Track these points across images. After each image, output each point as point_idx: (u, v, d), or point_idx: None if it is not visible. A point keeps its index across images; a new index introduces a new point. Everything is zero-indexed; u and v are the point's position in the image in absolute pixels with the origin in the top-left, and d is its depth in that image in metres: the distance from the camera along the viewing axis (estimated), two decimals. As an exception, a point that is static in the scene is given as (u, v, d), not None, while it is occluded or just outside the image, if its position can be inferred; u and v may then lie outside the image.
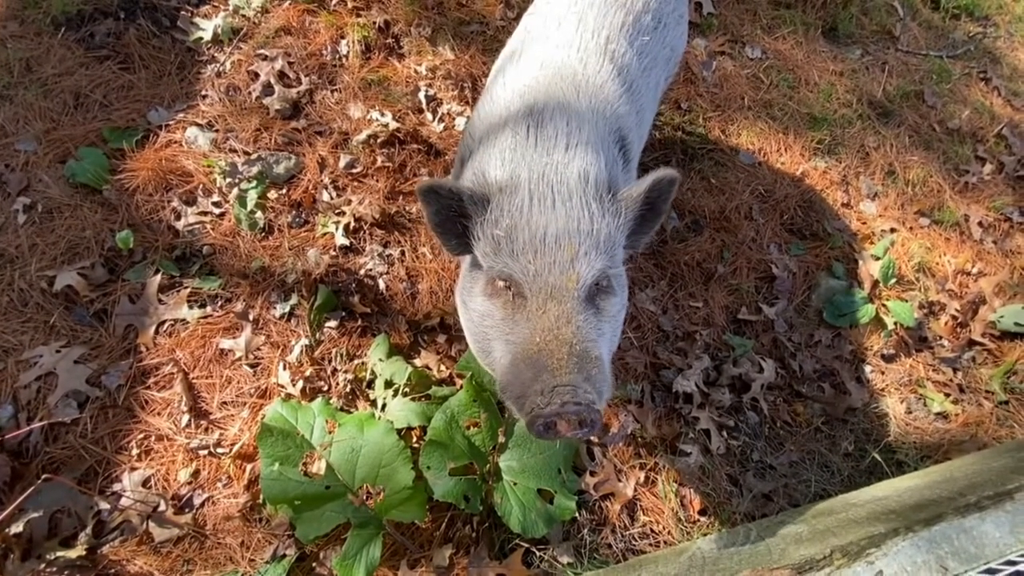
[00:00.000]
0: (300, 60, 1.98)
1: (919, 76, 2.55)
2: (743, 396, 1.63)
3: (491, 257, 0.88)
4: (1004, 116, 2.53)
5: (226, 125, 1.82)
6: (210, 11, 2.05)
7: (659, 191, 0.91)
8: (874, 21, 2.63)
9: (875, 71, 2.50)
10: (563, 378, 0.75)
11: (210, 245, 1.64)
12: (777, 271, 1.89)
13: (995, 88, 2.64)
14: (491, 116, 1.13)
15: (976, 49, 2.73)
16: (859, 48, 2.56)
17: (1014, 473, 0.94)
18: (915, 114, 2.42)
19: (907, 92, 2.46)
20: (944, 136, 2.39)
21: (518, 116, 1.03)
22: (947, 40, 2.73)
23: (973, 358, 1.89)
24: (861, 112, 2.34)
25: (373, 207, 1.73)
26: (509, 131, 1.02)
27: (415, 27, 2.13)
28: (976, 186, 2.29)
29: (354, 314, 1.58)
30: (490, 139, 1.06)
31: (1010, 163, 2.39)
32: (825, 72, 2.41)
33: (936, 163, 2.30)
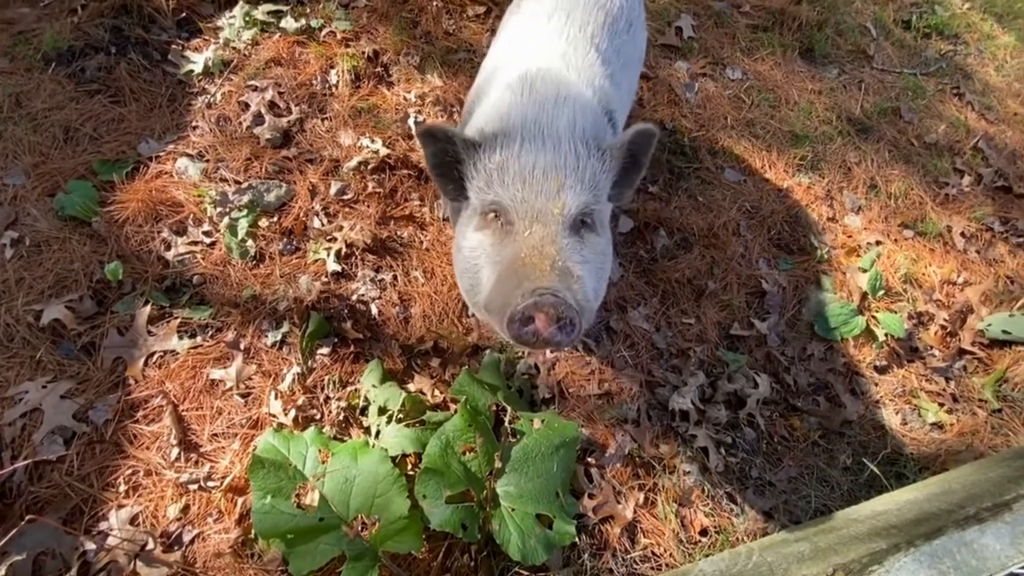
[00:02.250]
0: (290, 90, 2.00)
1: (895, 93, 2.62)
2: (739, 412, 1.63)
3: (483, 191, 0.94)
4: (979, 129, 2.60)
5: (217, 155, 1.83)
6: (201, 44, 2.08)
7: (639, 144, 0.99)
8: (848, 41, 2.72)
9: (852, 89, 2.57)
10: (543, 282, 0.79)
11: (200, 275, 1.63)
12: (767, 286, 1.91)
13: (968, 103, 2.72)
14: (487, 86, 1.23)
15: (948, 66, 2.82)
16: (836, 67, 2.64)
17: (1011, 483, 0.94)
18: (893, 129, 2.48)
19: (884, 108, 2.53)
20: (922, 150, 2.45)
21: (513, 81, 1.12)
22: (920, 58, 2.82)
23: (964, 367, 1.91)
24: (841, 129, 2.40)
25: (364, 232, 1.74)
26: (506, 92, 1.11)
27: (403, 56, 2.17)
28: (956, 197, 2.34)
29: (346, 340, 1.57)
30: (489, 100, 1.16)
31: (988, 174, 2.45)
32: (804, 91, 2.48)
33: (916, 176, 2.35)
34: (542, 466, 1.22)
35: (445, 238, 1.82)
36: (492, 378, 1.42)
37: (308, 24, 2.15)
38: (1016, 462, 1.22)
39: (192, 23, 2.11)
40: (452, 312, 1.68)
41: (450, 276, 1.73)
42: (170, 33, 2.08)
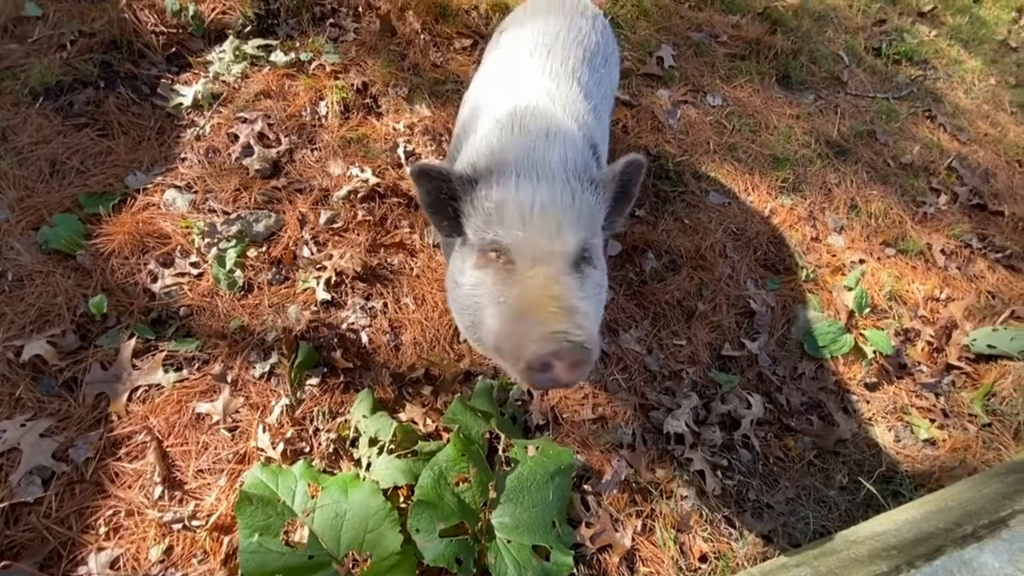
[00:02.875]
0: (280, 121, 2.02)
1: (869, 116, 2.71)
2: (734, 433, 1.62)
3: (482, 230, 0.94)
4: (952, 150, 2.69)
5: (205, 186, 1.83)
6: (191, 78, 2.10)
7: (630, 174, 1.02)
8: (823, 68, 2.82)
9: (828, 113, 2.66)
10: (556, 326, 0.79)
11: (187, 306, 1.61)
12: (755, 306, 1.93)
13: (940, 125, 2.82)
14: (473, 122, 1.25)
15: (919, 90, 2.93)
16: (812, 93, 2.73)
17: (1005, 499, 0.94)
18: (870, 151, 2.56)
19: (860, 132, 2.61)
20: (899, 171, 2.53)
21: (502, 117, 1.14)
22: (891, 83, 2.93)
23: (953, 382, 1.93)
24: (820, 151, 2.46)
25: (355, 260, 1.73)
26: (496, 128, 1.13)
27: (392, 87, 2.21)
28: (934, 216, 2.40)
29: (336, 370, 1.55)
30: (477, 136, 1.17)
31: (963, 193, 2.52)
32: (783, 116, 2.55)
33: (895, 196, 2.41)
34: (538, 495, 1.20)
35: (435, 264, 1.83)
36: (485, 405, 1.41)
37: (298, 57, 2.19)
38: (1008, 477, 1.23)
39: (182, 57, 2.14)
40: (444, 338, 1.67)
41: (441, 303, 1.73)
42: (160, 68, 2.11)
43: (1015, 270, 2.30)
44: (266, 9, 2.30)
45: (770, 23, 2.86)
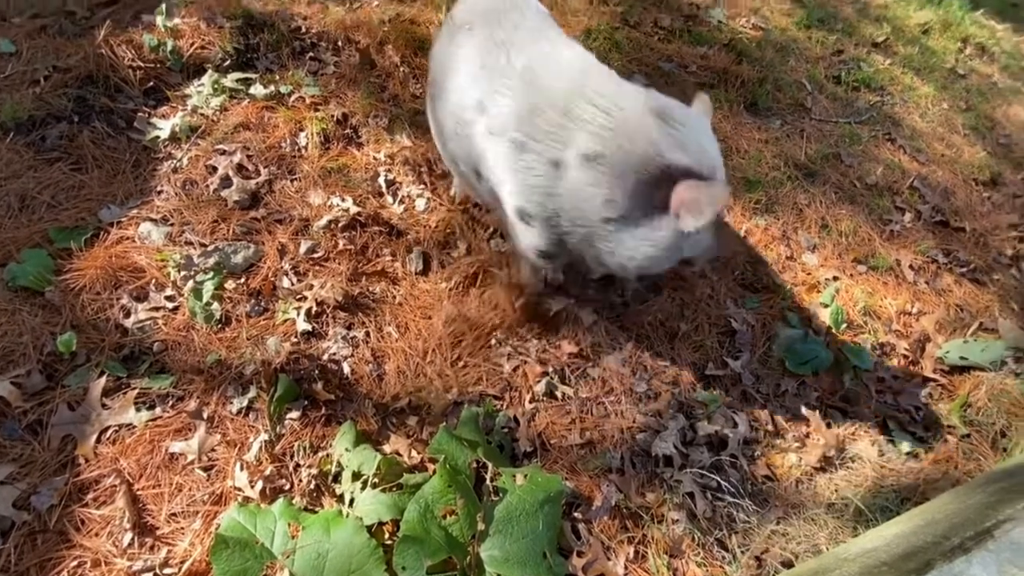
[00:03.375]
0: (259, 153, 2.02)
1: (834, 140, 2.83)
2: (721, 453, 1.62)
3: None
4: (912, 171, 2.82)
5: (182, 219, 1.81)
6: (168, 111, 2.09)
7: None
8: (787, 95, 2.95)
9: (795, 137, 2.76)
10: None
11: (162, 341, 1.57)
12: (736, 325, 1.95)
13: (900, 147, 2.95)
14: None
15: (878, 115, 3.08)
16: (778, 119, 2.84)
17: (989, 509, 0.95)
18: (836, 173, 2.66)
19: (826, 154, 2.72)
20: (865, 191, 2.63)
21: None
22: (852, 108, 3.07)
23: (930, 394, 1.96)
24: (789, 174, 2.55)
25: (336, 290, 1.71)
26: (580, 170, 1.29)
27: (372, 118, 2.24)
28: (901, 233, 2.49)
29: (317, 402, 1.51)
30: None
31: (926, 211, 2.63)
32: (752, 140, 2.65)
33: (862, 215, 2.50)
34: (527, 525, 1.18)
35: (418, 292, 1.82)
36: (471, 434, 1.38)
37: (277, 90, 2.21)
38: (990, 487, 1.24)
39: (159, 91, 2.14)
40: (430, 365, 1.65)
41: (425, 330, 1.71)
42: (136, 101, 2.10)
43: (980, 283, 2.38)
44: (246, 44, 2.33)
45: (736, 54, 3.00)
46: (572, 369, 1.74)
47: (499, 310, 1.76)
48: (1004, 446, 1.81)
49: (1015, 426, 1.84)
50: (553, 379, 1.69)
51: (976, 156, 3.07)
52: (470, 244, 1.96)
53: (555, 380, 1.69)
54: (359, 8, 2.62)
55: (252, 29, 2.36)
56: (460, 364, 1.67)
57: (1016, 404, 1.89)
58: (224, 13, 2.34)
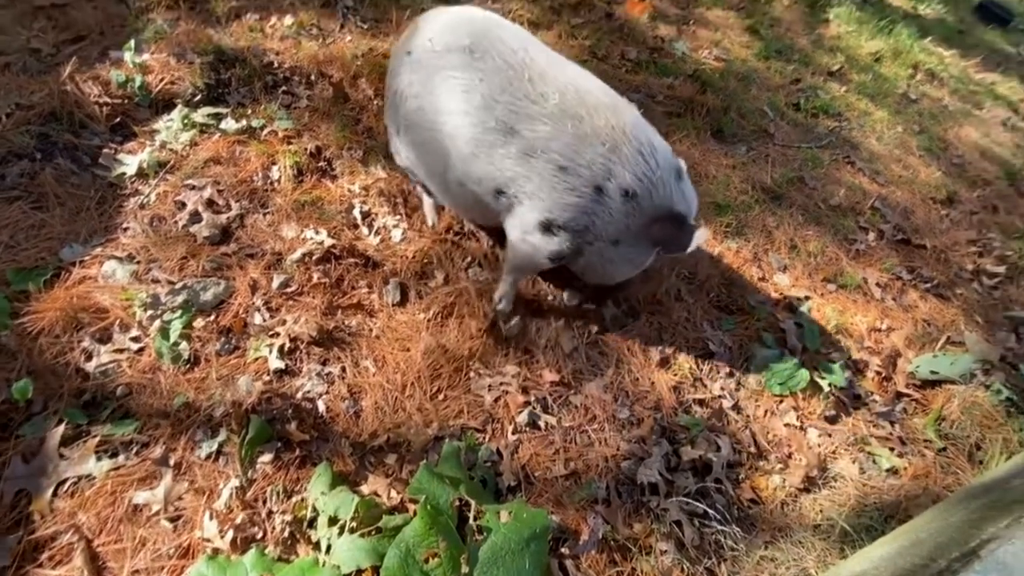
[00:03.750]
0: (230, 187, 1.99)
1: (797, 164, 2.94)
2: (706, 479, 1.61)
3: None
4: (873, 191, 2.93)
5: (149, 256, 1.75)
6: (136, 147, 2.05)
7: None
8: (751, 122, 3.07)
9: (761, 162, 2.86)
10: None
11: (126, 385, 1.50)
12: (714, 347, 1.97)
13: (860, 169, 3.08)
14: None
15: (837, 139, 3.22)
16: (744, 145, 2.94)
17: (972, 528, 0.95)
18: (801, 195, 2.75)
19: (790, 178, 2.81)
20: (829, 212, 2.72)
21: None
22: (813, 133, 3.21)
23: (904, 409, 2.00)
24: (757, 197, 2.63)
25: (310, 325, 1.67)
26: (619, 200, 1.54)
27: (347, 150, 2.23)
28: (866, 252, 2.57)
29: (291, 443, 1.45)
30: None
31: (888, 230, 2.73)
32: (720, 166, 2.73)
33: (829, 235, 2.58)
34: (513, 565, 1.13)
35: (396, 324, 1.79)
36: (453, 470, 1.34)
37: (249, 124, 2.19)
38: (970, 503, 1.26)
39: (126, 127, 2.10)
40: (409, 400, 1.61)
41: (403, 363, 1.68)
42: (102, 138, 2.06)
43: (943, 298, 2.47)
44: (217, 79, 2.32)
45: (700, 84, 3.11)
46: (554, 397, 1.72)
47: (475, 339, 1.75)
48: (980, 459, 1.85)
49: (988, 438, 1.88)
50: (536, 408, 1.66)
51: (932, 176, 3.22)
52: (448, 274, 1.95)
53: (538, 410, 1.67)
54: (332, 43, 2.65)
55: (223, 64, 2.35)
56: (440, 397, 1.64)
57: (988, 416, 1.94)
58: (195, 49, 2.34)
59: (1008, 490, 1.26)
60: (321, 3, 2.81)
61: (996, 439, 1.88)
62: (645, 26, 3.47)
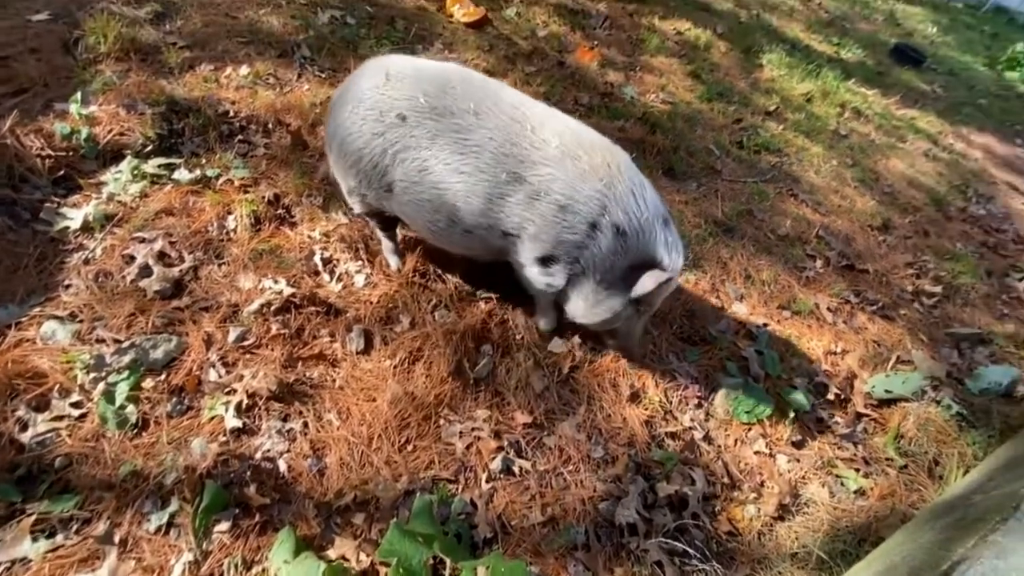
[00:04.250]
0: (183, 239, 1.93)
1: (745, 198, 3.10)
2: (683, 514, 1.60)
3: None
4: (816, 221, 3.11)
5: (93, 314, 1.66)
6: (81, 200, 1.97)
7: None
8: (699, 160, 3.23)
9: (711, 197, 3.00)
10: None
11: (65, 455, 1.38)
12: (681, 379, 2.00)
13: (803, 201, 3.27)
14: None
15: (779, 173, 3.42)
16: (694, 181, 3.09)
17: (941, 549, 0.97)
18: (751, 227, 2.88)
19: (740, 211, 2.96)
20: (778, 242, 2.86)
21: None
22: (756, 169, 3.40)
23: (865, 429, 2.06)
24: (710, 230, 2.74)
25: (269, 379, 1.60)
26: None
27: (306, 197, 2.21)
28: (815, 278, 2.70)
29: (250, 508, 1.36)
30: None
31: (833, 256, 2.89)
32: (674, 202, 2.84)
33: (780, 264, 2.70)
34: (492, 627, 1.08)
35: (360, 372, 1.74)
36: (425, 526, 1.28)
37: (203, 174, 2.15)
38: (936, 523, 1.29)
39: (71, 180, 2.02)
40: (376, 453, 1.55)
41: (369, 414, 1.62)
42: (44, 191, 1.97)
43: (889, 319, 2.60)
44: (169, 129, 2.27)
45: (649, 126, 3.28)
46: (528, 440, 1.69)
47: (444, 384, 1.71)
48: (940, 474, 1.91)
49: (945, 453, 1.96)
50: (509, 453, 1.63)
51: (867, 205, 3.45)
52: (414, 317, 1.92)
53: (511, 454, 1.63)
54: (289, 92, 2.66)
55: (176, 114, 2.31)
56: (409, 448, 1.59)
57: (942, 431, 2.02)
58: (146, 100, 2.30)
59: (970, 507, 1.31)
60: (278, 53, 2.83)
61: (952, 454, 1.95)
62: (595, 73, 3.66)
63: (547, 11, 4.14)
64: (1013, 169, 4.77)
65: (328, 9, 3.24)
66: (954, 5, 9.36)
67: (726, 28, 4.97)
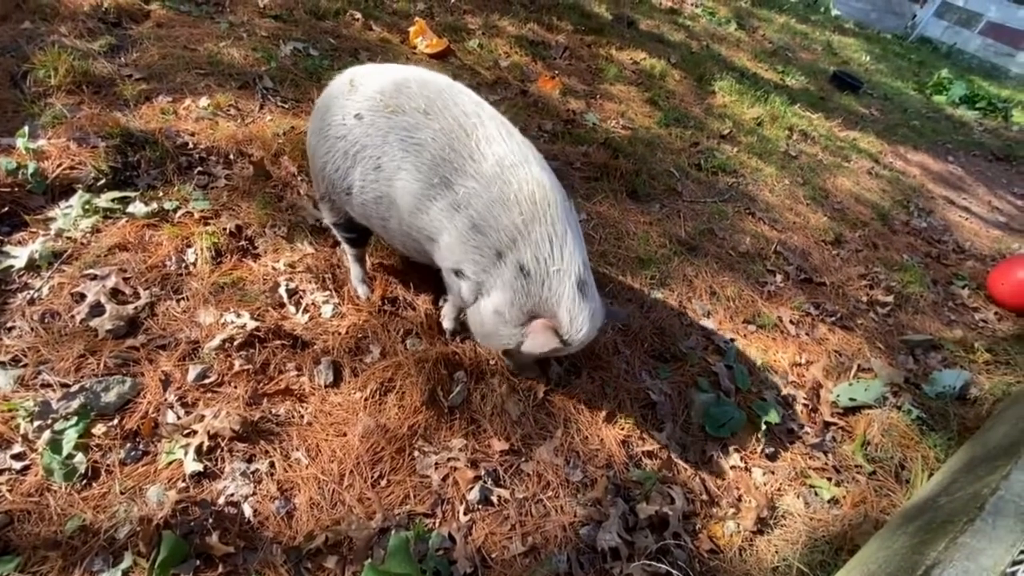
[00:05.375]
0: (138, 274, 1.85)
1: (706, 217, 3.20)
2: (665, 534, 1.58)
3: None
4: (774, 237, 3.24)
5: (38, 357, 1.56)
6: (26, 237, 1.87)
7: None
8: (661, 183, 3.33)
9: (674, 218, 3.09)
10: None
11: (5, 513, 1.27)
12: (655, 396, 2.01)
13: (760, 218, 3.40)
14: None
15: (737, 193, 3.56)
16: (657, 203, 3.18)
17: (916, 554, 0.99)
18: (713, 245, 2.98)
19: (702, 230, 3.05)
20: (739, 259, 2.96)
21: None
22: (715, 189, 3.53)
23: (833, 438, 2.11)
24: (675, 250, 2.81)
25: (231, 418, 1.53)
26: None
27: (270, 228, 2.16)
28: (776, 293, 2.80)
29: (212, 559, 1.28)
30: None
31: (792, 271, 3.00)
32: (638, 223, 2.91)
33: (742, 280, 2.79)
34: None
35: (329, 407, 1.68)
36: (401, 566, 1.23)
37: (161, 207, 2.08)
38: (908, 527, 1.32)
39: (15, 216, 1.92)
40: (348, 491, 1.49)
41: (339, 450, 1.56)
42: (-15, 229, 1.86)
43: (848, 329, 2.70)
44: (124, 162, 2.20)
45: (612, 150, 3.37)
46: (505, 468, 1.66)
47: (417, 414, 1.67)
48: (906, 478, 1.97)
49: (910, 457, 2.02)
50: (487, 483, 1.59)
51: (820, 221, 3.61)
52: (384, 347, 1.88)
53: (489, 483, 1.59)
54: (251, 123, 2.62)
55: (131, 147, 2.25)
56: (383, 483, 1.53)
57: (905, 436, 2.09)
58: (99, 132, 2.22)
59: (937, 510, 1.34)
60: (239, 85, 2.81)
61: (916, 457, 2.02)
62: (557, 101, 3.76)
63: (508, 42, 4.26)
64: (948, 184, 5.11)
65: (290, 41, 3.24)
66: (884, 36, 10.13)
67: (679, 58, 5.22)
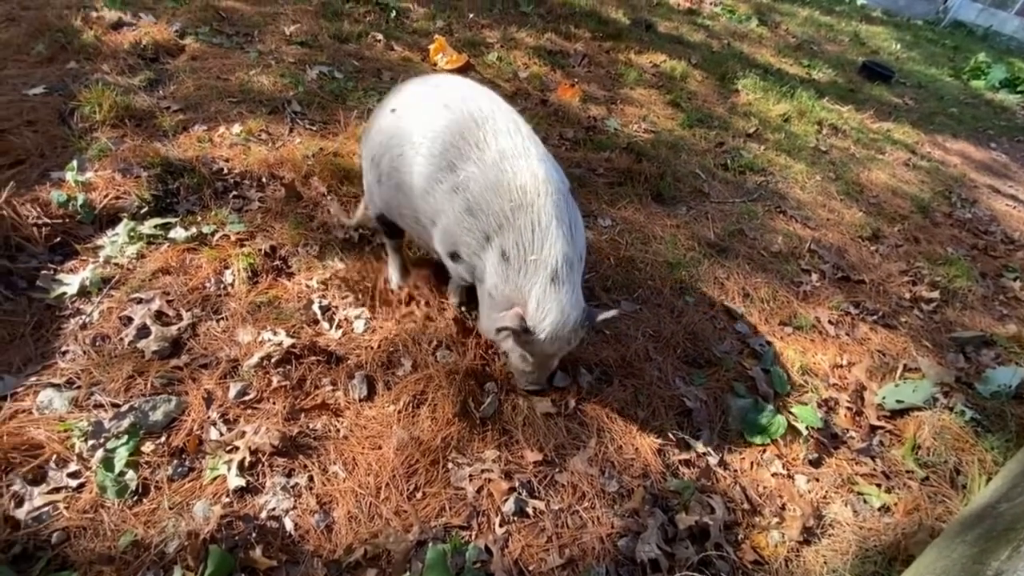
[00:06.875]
0: (180, 296, 1.92)
1: (735, 218, 3.14)
2: (706, 545, 1.54)
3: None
4: (807, 236, 3.14)
5: (91, 379, 1.64)
6: (78, 265, 1.98)
7: None
8: (687, 185, 3.29)
9: (702, 220, 3.04)
10: None
11: (63, 530, 1.33)
12: (690, 403, 1.97)
13: (792, 217, 3.32)
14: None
15: (766, 192, 3.48)
16: (684, 205, 3.14)
17: (975, 563, 0.94)
18: (744, 246, 2.91)
19: (731, 231, 2.99)
20: (772, 259, 2.88)
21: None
22: (743, 189, 3.46)
23: (881, 442, 2.03)
24: (704, 252, 2.76)
25: (271, 434, 1.57)
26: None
27: (302, 247, 2.23)
28: (812, 292, 2.71)
29: (256, 573, 1.31)
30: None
31: (828, 269, 2.90)
32: (665, 227, 2.88)
33: (776, 281, 2.71)
34: None
35: (364, 420, 1.70)
36: (440, 578, 1.23)
37: (199, 231, 2.16)
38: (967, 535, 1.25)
39: (67, 246, 2.03)
40: (385, 504, 1.50)
41: (375, 463, 1.58)
42: (40, 259, 1.97)
43: (891, 327, 2.60)
44: (164, 190, 2.31)
45: (635, 154, 3.35)
46: (540, 479, 1.65)
47: (449, 426, 1.68)
48: (963, 483, 1.86)
49: (965, 461, 1.92)
50: (522, 494, 1.58)
51: (855, 217, 3.50)
52: (415, 360, 1.90)
53: (524, 495, 1.58)
54: (282, 146, 2.72)
55: (171, 175, 2.35)
56: (418, 495, 1.54)
57: (959, 438, 1.99)
58: (141, 163, 2.34)
59: (998, 517, 1.27)
60: (269, 110, 2.91)
61: (972, 461, 1.91)
62: (577, 108, 3.77)
63: (527, 53, 4.30)
64: (992, 172, 4.88)
65: (316, 66, 3.35)
66: (914, 23, 9.79)
67: (700, 58, 5.16)
